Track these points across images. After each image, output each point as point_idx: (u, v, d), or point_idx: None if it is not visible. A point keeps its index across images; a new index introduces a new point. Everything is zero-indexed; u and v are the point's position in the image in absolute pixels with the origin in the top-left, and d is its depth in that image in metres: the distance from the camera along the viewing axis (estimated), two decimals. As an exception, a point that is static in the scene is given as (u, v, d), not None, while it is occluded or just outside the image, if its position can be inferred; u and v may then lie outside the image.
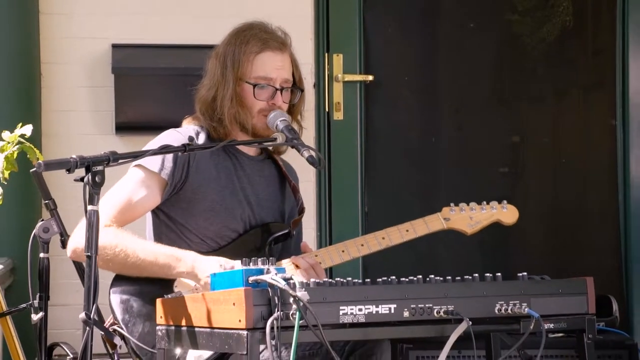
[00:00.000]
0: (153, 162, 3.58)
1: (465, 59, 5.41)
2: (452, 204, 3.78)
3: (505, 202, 3.83)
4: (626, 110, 5.31)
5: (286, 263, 3.60)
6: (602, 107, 5.39)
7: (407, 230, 3.69)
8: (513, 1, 5.44)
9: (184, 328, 3.08)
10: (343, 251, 3.66)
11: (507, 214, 3.83)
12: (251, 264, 2.99)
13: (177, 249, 3.52)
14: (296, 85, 3.72)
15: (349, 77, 5.24)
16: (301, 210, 3.81)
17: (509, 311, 3.15)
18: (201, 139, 3.70)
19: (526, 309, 3.15)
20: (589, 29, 5.47)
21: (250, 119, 3.66)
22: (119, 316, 3.49)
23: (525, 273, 3.24)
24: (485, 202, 3.83)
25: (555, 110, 5.48)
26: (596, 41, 5.46)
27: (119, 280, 3.55)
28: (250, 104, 3.65)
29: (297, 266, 3.58)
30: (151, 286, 3.49)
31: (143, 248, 3.50)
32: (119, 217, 3.56)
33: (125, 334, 3.44)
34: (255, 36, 3.69)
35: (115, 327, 3.46)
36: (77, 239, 3.52)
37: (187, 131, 3.69)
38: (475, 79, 5.41)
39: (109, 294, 3.52)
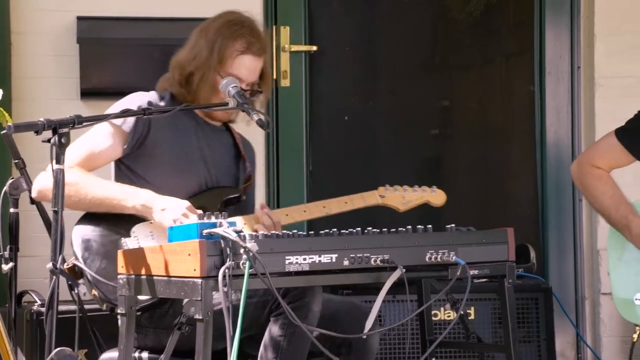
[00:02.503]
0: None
1: (400, 30, 5.39)
2: (387, 185, 3.83)
3: (435, 187, 3.88)
4: (543, 77, 5.32)
5: (239, 220, 3.59)
6: (522, 74, 5.39)
7: (345, 202, 3.76)
8: (444, -21, 5.42)
9: (144, 277, 3.06)
10: (287, 215, 3.70)
11: (435, 196, 3.91)
12: (205, 218, 2.98)
13: (131, 186, 3.52)
14: (259, 87, 3.71)
15: (295, 48, 5.20)
16: (248, 177, 3.81)
17: (439, 259, 3.15)
18: (165, 103, 3.68)
19: (454, 257, 3.16)
20: (510, 3, 5.46)
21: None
22: (79, 253, 3.49)
23: (453, 225, 3.25)
24: (417, 186, 3.89)
25: (481, 77, 5.48)
26: (517, 14, 5.45)
27: (82, 221, 3.54)
28: (219, 94, 3.64)
29: (260, 222, 3.59)
30: (110, 229, 3.48)
31: (101, 184, 3.51)
32: (83, 163, 3.57)
33: (83, 266, 3.44)
34: (244, 36, 3.68)
35: (75, 262, 3.46)
36: (42, 182, 3.55)
37: (150, 95, 3.68)
38: (409, 49, 5.39)
39: (71, 235, 3.51)
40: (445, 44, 5.47)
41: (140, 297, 3.16)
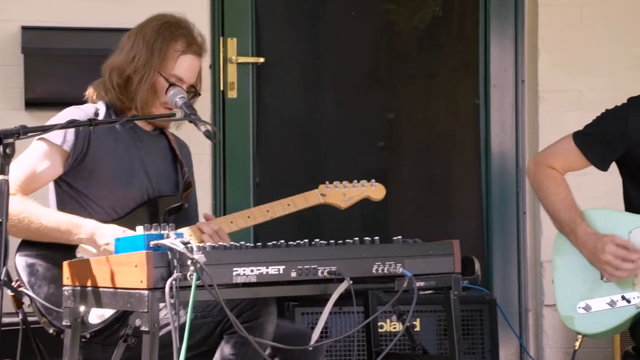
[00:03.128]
0: (55, 136, 3.51)
1: (346, 43, 5.40)
2: (327, 182, 3.82)
3: (373, 180, 3.88)
4: (488, 90, 5.35)
5: (186, 231, 3.57)
6: (467, 87, 5.43)
7: (288, 204, 3.74)
8: (389, -8, 5.45)
9: (89, 288, 3.03)
10: (232, 222, 3.67)
11: (375, 190, 3.90)
12: (152, 229, 2.96)
13: (78, 217, 3.46)
14: (196, 90, 3.70)
15: (242, 59, 5.19)
16: (188, 185, 3.78)
17: (385, 271, 3.16)
18: (101, 114, 3.64)
19: (400, 269, 3.16)
20: (455, 17, 5.50)
21: (154, 107, 3.62)
22: (25, 279, 3.42)
23: (400, 237, 3.25)
24: (356, 181, 3.88)
25: (427, 89, 5.51)
26: (462, 28, 5.49)
27: (25, 245, 3.49)
28: (158, 95, 3.61)
29: (202, 231, 3.57)
30: (55, 252, 3.43)
31: (46, 215, 3.44)
32: (24, 186, 3.50)
33: (32, 294, 3.38)
34: (183, 36, 3.65)
35: (21, 289, 3.40)
36: None
37: (88, 108, 3.64)
38: (355, 61, 5.40)
39: (14, 259, 3.45)
40: (391, 57, 5.49)
41: (91, 321, 3.13)
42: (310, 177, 5.24)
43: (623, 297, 3.45)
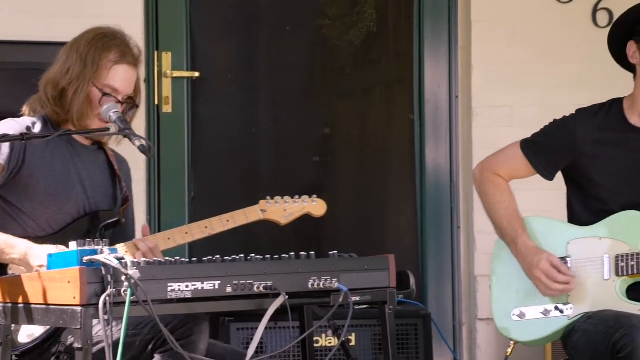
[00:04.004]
0: None
1: (282, 58, 5.40)
2: (268, 197, 3.80)
3: (315, 196, 3.87)
4: (422, 106, 5.38)
5: (121, 247, 3.53)
6: (402, 102, 5.45)
7: (227, 221, 3.71)
8: (324, 7, 5.45)
9: (21, 305, 2.98)
10: (169, 239, 3.64)
11: (316, 207, 3.89)
12: (86, 245, 2.92)
13: (11, 237, 3.41)
14: (134, 101, 3.66)
15: (177, 74, 5.16)
16: (125, 199, 3.75)
17: (321, 286, 3.15)
18: (37, 128, 3.59)
19: (336, 284, 3.16)
20: (390, 33, 5.53)
21: (89, 120, 3.59)
22: None
23: (335, 251, 3.25)
24: (297, 196, 3.86)
25: (362, 105, 5.52)
26: (397, 44, 5.52)
27: None
28: (93, 106, 3.58)
29: (138, 248, 3.53)
30: None
31: None
32: None
33: None
34: (117, 46, 3.61)
35: None
36: None
37: (24, 121, 3.59)
38: (290, 76, 5.41)
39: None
40: (326, 72, 5.50)
41: (21, 340, 3.08)
42: (246, 191, 5.22)
43: (556, 308, 3.48)
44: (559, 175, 3.67)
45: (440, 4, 5.35)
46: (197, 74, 5.20)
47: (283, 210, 3.81)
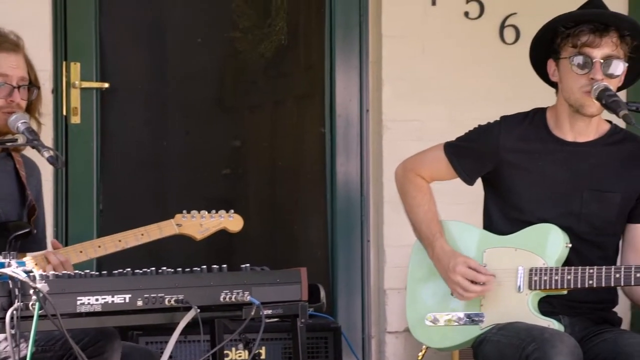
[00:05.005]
0: None
1: (192, 70, 5.37)
2: (184, 212, 3.76)
3: (232, 211, 3.84)
4: (333, 119, 5.39)
5: (29, 259, 3.46)
6: (313, 116, 5.46)
7: (142, 234, 3.66)
8: (235, 20, 5.43)
9: None
10: (81, 252, 3.58)
11: (233, 222, 3.87)
12: (-7, 258, 2.86)
13: None
14: (32, 84, 3.61)
15: (85, 84, 5.10)
16: (32, 209, 3.68)
17: (233, 299, 3.13)
18: None
19: (248, 297, 3.14)
20: (301, 46, 5.53)
21: None
22: None
23: (248, 264, 3.24)
24: (214, 211, 3.83)
25: (273, 117, 5.52)
26: (308, 57, 5.53)
27: None
28: None
29: (49, 261, 3.47)
30: None
31: None
32: None
33: None
34: None
35: None
36: None
37: None
38: (201, 88, 5.38)
39: None
40: (237, 84, 5.49)
41: None
42: (156, 204, 5.17)
43: (469, 316, 3.50)
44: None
45: (351, 19, 5.37)
46: (106, 85, 5.14)
47: (199, 225, 3.78)
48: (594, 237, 3.49)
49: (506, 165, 3.52)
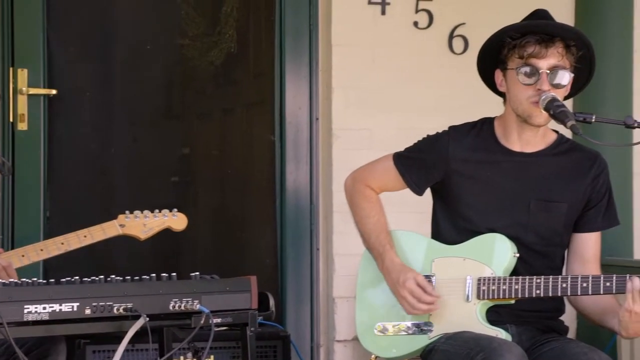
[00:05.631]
0: None
1: (141, 77, 5.35)
2: (127, 212, 3.74)
3: (175, 210, 3.83)
4: (283, 127, 5.40)
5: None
6: (262, 124, 5.46)
7: (84, 236, 3.64)
8: (184, 27, 5.42)
9: None
10: (23, 256, 3.55)
11: (177, 221, 3.85)
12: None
13: None
14: None
15: (33, 91, 5.06)
16: None
17: (182, 307, 3.13)
18: None
19: (197, 306, 3.14)
20: (251, 54, 5.54)
21: None
22: None
23: (197, 273, 3.23)
24: (157, 210, 3.81)
25: (222, 125, 5.51)
26: (258, 65, 5.53)
27: None
28: None
29: None
30: None
31: None
32: None
33: None
34: None
35: None
36: None
37: None
38: (150, 95, 5.36)
39: None
40: (186, 92, 5.47)
41: None
42: (104, 212, 5.12)
43: (417, 326, 3.51)
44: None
45: (301, 27, 5.38)
46: (54, 92, 5.11)
47: (142, 224, 3.76)
48: (542, 247, 3.53)
49: (455, 175, 3.54)
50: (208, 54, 5.43)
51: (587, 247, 3.55)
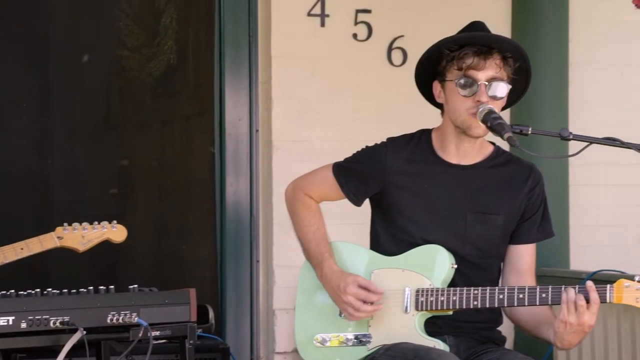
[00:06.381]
0: None
1: (79, 88, 5.32)
2: (65, 224, 3.71)
3: (115, 222, 3.80)
4: (223, 139, 5.39)
5: None
6: (202, 135, 5.45)
7: (21, 248, 3.60)
8: (123, 38, 5.40)
9: None
10: None
11: (116, 232, 3.81)
12: None
13: None
14: None
15: (-31, 102, 5.01)
16: None
17: (121, 320, 3.11)
18: None
19: (136, 319, 3.12)
20: (190, 65, 5.52)
21: None
22: None
23: (136, 285, 3.21)
24: (96, 222, 3.79)
25: (161, 137, 5.50)
26: (197, 77, 5.52)
27: None
28: None
29: None
30: None
31: None
32: None
33: None
34: None
35: None
36: None
37: None
38: (88, 106, 5.33)
39: None
40: (125, 103, 5.45)
41: None
42: (41, 225, 5.06)
43: (356, 337, 3.52)
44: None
45: (240, 38, 5.38)
46: (-10, 103, 5.06)
47: (81, 236, 3.72)
48: (478, 259, 3.55)
49: (393, 187, 3.56)
50: (147, 65, 5.42)
51: (523, 259, 3.58)
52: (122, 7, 5.38)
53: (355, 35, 5.39)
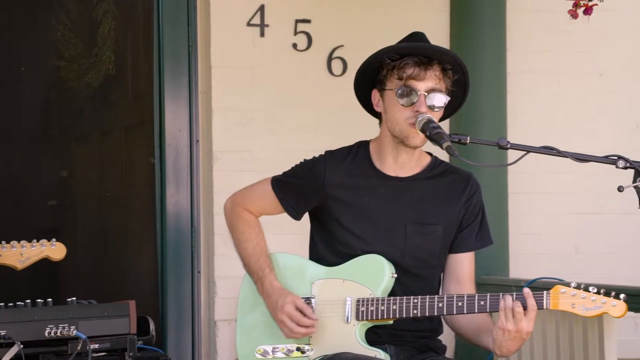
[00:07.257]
0: None
1: (16, 99, 5.27)
2: (3, 242, 3.68)
3: (54, 240, 3.77)
4: (163, 149, 5.37)
5: None
6: (142, 146, 5.42)
7: None
8: (60, 48, 5.36)
9: None
10: None
11: (55, 250, 3.77)
12: None
13: None
14: None
15: None
16: None
17: (59, 334, 3.08)
18: None
19: (74, 331, 3.10)
20: (129, 76, 5.50)
21: None
22: None
23: (74, 298, 3.19)
24: (35, 240, 3.75)
25: (101, 147, 5.46)
26: (136, 87, 5.50)
27: None
28: None
29: None
30: None
31: None
32: None
33: None
34: None
35: None
36: None
37: None
38: (25, 117, 5.28)
39: None
40: (63, 114, 5.41)
41: None
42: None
43: (298, 348, 3.52)
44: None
45: (179, 49, 5.36)
46: None
47: (19, 254, 3.69)
48: (419, 269, 3.56)
49: (332, 200, 3.56)
50: (85, 75, 5.38)
51: (462, 267, 3.61)
52: (59, 17, 5.34)
53: (295, 45, 5.40)
